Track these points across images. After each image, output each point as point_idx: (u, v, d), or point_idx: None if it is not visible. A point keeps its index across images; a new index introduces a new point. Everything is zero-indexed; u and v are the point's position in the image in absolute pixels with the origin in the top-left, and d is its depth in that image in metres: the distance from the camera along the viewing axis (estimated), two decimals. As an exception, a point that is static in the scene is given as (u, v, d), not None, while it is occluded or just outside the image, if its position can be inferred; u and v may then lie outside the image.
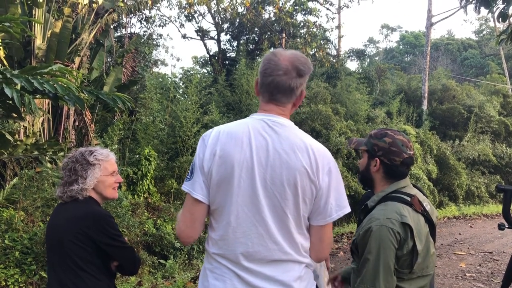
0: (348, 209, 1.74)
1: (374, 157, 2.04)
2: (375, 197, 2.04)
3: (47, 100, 7.96)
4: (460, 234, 9.73)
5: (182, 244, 1.78)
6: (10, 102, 4.49)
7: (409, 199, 1.94)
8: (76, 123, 9.29)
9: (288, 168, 1.63)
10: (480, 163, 15.72)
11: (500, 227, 2.49)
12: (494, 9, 5.75)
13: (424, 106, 17.71)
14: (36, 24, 8.22)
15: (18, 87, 4.30)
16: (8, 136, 5.97)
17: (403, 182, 2.02)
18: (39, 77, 4.35)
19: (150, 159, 7.43)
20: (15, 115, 5.09)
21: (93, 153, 2.21)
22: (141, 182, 7.31)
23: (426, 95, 17.97)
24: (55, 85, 4.27)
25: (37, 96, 5.00)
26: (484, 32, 45.25)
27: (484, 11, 28.19)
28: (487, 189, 15.30)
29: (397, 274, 1.87)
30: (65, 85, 4.38)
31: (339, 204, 1.70)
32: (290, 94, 1.72)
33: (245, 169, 1.63)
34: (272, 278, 1.64)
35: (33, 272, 4.89)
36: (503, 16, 5.50)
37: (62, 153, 6.14)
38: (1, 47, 7.43)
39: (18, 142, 6.01)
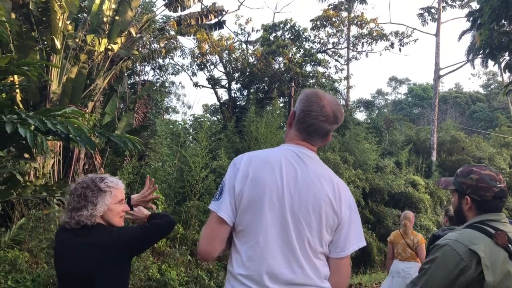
0: (364, 243, 1.83)
1: (464, 196, 2.03)
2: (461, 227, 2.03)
3: (58, 143, 8.09)
4: None
5: (202, 261, 1.91)
6: (24, 142, 4.58)
7: (492, 231, 1.89)
8: (86, 167, 9.37)
9: (314, 196, 1.71)
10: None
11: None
12: (501, 60, 5.86)
13: (433, 157, 17.67)
14: (52, 69, 8.49)
15: (32, 127, 4.40)
16: (19, 177, 6.03)
17: (491, 215, 1.97)
18: (52, 118, 4.45)
19: (158, 202, 7.40)
20: (27, 156, 5.17)
21: (104, 180, 2.21)
22: (147, 226, 7.25)
23: (435, 146, 17.98)
24: (68, 126, 4.37)
25: (49, 137, 5.10)
26: (492, 86, 45.73)
27: (491, 65, 28.67)
28: (500, 243, 14.92)
29: None
30: (77, 126, 4.47)
31: (357, 238, 1.80)
32: (325, 137, 1.86)
33: (275, 194, 1.71)
34: None
35: (33, 315, 4.80)
36: (509, 67, 5.60)
37: (70, 195, 6.16)
38: (18, 91, 7.65)
39: (28, 183, 6.05)
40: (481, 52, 6.32)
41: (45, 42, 8.64)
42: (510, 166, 18.38)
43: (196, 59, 16.05)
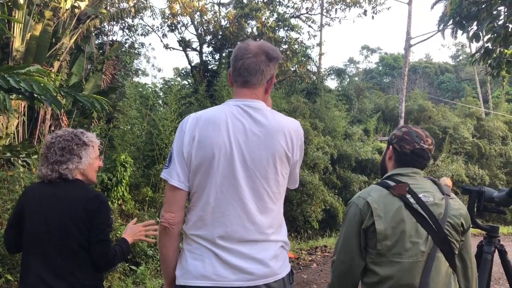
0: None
1: (390, 145, 2.15)
2: None
3: (23, 103, 7.84)
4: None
5: (168, 230, 1.81)
6: (-16, 100, 4.41)
7: (392, 184, 1.99)
8: (52, 128, 9.15)
9: (267, 148, 1.72)
10: (454, 183, 16.02)
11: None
12: (469, 29, 5.97)
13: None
14: (15, 26, 8.12)
15: (-6, 85, 4.23)
16: (-20, 136, 5.86)
17: (401, 169, 2.06)
18: (15, 76, 4.29)
19: (126, 165, 7.35)
20: (-12, 114, 5.00)
21: (84, 134, 2.19)
22: (115, 189, 7.21)
23: (403, 114, 18.32)
24: (32, 84, 4.22)
25: (13, 96, 4.92)
26: (461, 58, 46.68)
27: (460, 37, 29.13)
28: (460, 209, 15.56)
29: (366, 254, 1.97)
30: (43, 85, 4.33)
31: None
32: (260, 76, 1.80)
33: (223, 153, 1.70)
34: (248, 256, 1.70)
35: (-2, 275, 4.76)
36: (476, 36, 5.72)
37: (36, 156, 6.03)
38: (-22, 47, 7.32)
39: (-9, 143, 5.89)
40: (451, 21, 6.40)
41: (7, -4, 8.22)
42: (473, 135, 18.96)
43: (166, 20, 15.61)
